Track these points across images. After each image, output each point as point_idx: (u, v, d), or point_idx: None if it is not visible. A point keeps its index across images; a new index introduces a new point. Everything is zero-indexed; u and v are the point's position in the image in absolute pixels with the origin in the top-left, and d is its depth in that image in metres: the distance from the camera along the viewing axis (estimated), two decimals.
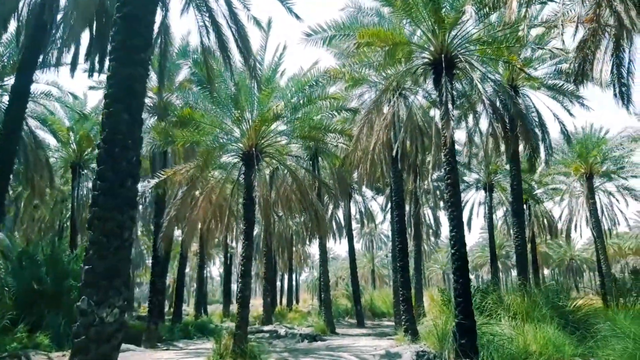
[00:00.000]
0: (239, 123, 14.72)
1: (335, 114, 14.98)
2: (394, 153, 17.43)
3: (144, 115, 19.38)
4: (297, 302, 60.68)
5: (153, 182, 14.69)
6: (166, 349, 18.36)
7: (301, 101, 14.13)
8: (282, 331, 23.46)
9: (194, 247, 43.86)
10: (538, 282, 24.30)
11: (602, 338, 11.24)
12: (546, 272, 71.97)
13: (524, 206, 32.85)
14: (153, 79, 18.52)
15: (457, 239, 11.31)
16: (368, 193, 32.78)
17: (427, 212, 33.30)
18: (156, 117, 17.84)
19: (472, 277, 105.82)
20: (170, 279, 65.93)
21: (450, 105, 11.15)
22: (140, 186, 19.72)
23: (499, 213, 38.25)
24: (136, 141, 6.79)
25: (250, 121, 14.50)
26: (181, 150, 17.95)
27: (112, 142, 6.58)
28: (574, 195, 29.53)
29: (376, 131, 14.67)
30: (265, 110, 13.72)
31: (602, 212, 29.39)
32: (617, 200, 29.47)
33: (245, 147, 14.56)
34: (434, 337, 13.64)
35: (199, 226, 18.04)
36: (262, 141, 14.67)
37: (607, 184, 30.20)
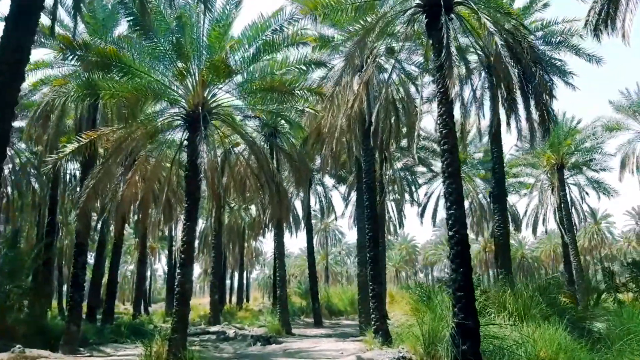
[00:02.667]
0: (182, 77, 11.84)
1: (303, 68, 12.36)
2: (367, 125, 15.04)
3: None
4: (248, 300, 57.59)
5: (70, 147, 11.57)
6: (88, 356, 15.24)
7: (261, 49, 11.40)
8: (231, 332, 20.65)
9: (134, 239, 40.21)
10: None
11: (623, 343, 9.28)
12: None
13: (487, 199, 31.48)
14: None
15: (457, 218, 8.99)
16: (329, 182, 30.30)
17: (391, 205, 31.15)
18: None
19: (421, 275, 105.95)
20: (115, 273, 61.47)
21: (452, 49, 8.82)
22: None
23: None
24: None
25: (196, 74, 11.68)
26: (114, 112, 14.80)
27: None
28: (543, 188, 28.20)
29: (353, 93, 12.15)
30: (216, 57, 10.93)
31: (572, 205, 28.15)
32: (587, 193, 28.36)
33: (189, 106, 11.72)
34: (417, 340, 11.29)
35: (131, 208, 14.97)
36: (211, 99, 11.87)
37: (575, 177, 29.05)
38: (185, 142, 12.00)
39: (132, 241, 48.18)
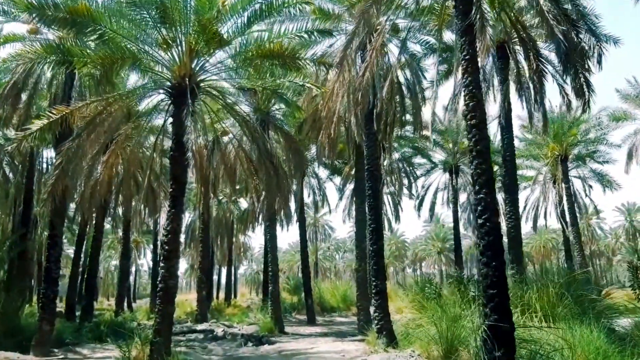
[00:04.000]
0: (167, 46, 10.44)
1: (305, 37, 10.98)
2: (371, 106, 13.79)
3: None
4: (235, 296, 56.23)
5: (39, 123, 10.09)
6: (62, 358, 13.83)
7: (258, 13, 9.99)
8: (219, 331, 19.31)
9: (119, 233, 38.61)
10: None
11: None
12: None
13: None
14: None
15: (487, 204, 7.73)
16: (322, 174, 28.91)
17: (387, 198, 29.89)
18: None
19: (409, 270, 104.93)
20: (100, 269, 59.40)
21: (484, 5, 7.56)
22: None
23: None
24: None
25: (183, 42, 10.29)
26: (91, 90, 13.29)
27: None
28: (546, 181, 27.18)
29: (368, 62, 10.80)
30: (205, 17, 9.52)
31: (575, 198, 27.12)
32: (591, 186, 27.39)
33: (174, 77, 10.33)
34: (431, 343, 10.08)
35: (111, 197, 13.51)
36: (200, 70, 10.49)
37: (577, 169, 28.10)
38: (170, 120, 10.60)
39: (116, 235, 46.56)
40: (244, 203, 38.97)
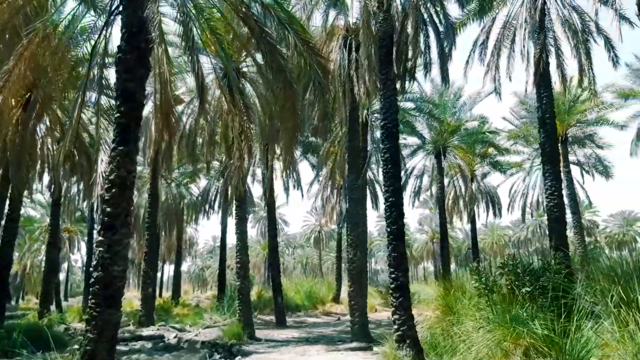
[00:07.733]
0: None
1: None
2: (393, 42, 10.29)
3: None
4: (179, 295, 51.27)
5: None
6: None
7: None
8: (171, 337, 15.27)
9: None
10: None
11: None
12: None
13: (469, 181, 27.71)
14: None
15: None
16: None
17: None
18: None
19: (372, 261, 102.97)
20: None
21: None
22: None
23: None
24: None
25: None
26: None
27: None
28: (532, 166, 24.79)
29: None
30: None
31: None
32: (588, 172, 25.01)
33: None
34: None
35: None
36: None
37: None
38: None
39: (45, 224, 40.76)
40: (194, 189, 34.67)
